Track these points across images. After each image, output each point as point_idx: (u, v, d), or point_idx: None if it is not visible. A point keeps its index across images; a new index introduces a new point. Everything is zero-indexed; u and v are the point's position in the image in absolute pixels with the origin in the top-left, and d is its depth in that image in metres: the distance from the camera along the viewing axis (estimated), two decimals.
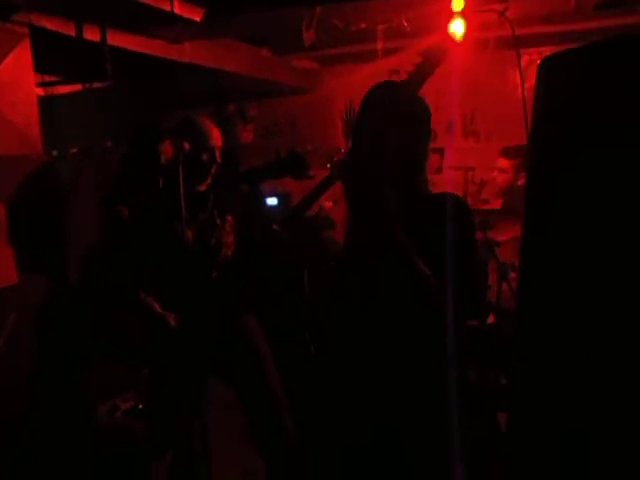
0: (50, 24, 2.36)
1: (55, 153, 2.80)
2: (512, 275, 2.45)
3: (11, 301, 2.17)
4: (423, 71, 1.29)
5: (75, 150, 2.75)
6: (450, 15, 2.69)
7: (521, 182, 2.78)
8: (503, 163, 2.80)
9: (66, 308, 2.38)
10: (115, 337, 2.64)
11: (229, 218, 2.08)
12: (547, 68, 0.87)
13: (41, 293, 2.26)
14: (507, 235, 2.60)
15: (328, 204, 3.34)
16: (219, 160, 2.05)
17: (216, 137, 2.06)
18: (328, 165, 1.74)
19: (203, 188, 2.07)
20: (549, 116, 0.88)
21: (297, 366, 2.53)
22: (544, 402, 0.98)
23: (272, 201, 4.06)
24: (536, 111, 0.89)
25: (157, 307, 1.94)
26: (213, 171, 2.05)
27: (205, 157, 2.01)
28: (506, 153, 2.80)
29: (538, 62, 0.93)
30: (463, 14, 2.66)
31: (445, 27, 2.76)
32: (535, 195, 0.96)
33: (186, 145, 1.93)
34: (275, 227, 1.87)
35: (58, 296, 2.34)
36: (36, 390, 2.25)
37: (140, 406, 2.77)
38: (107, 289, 2.22)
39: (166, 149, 1.94)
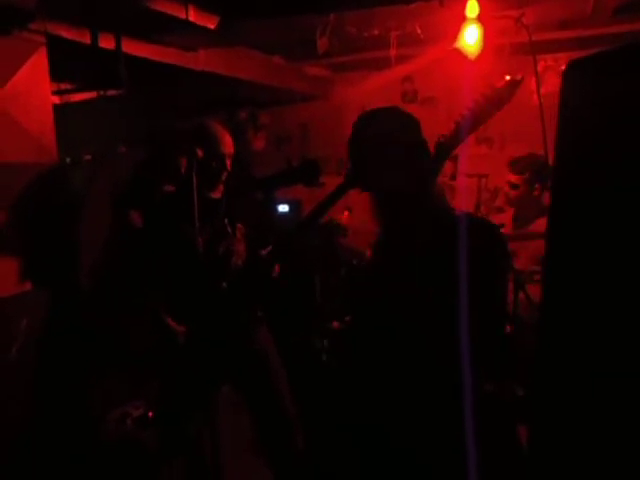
0: (66, 32, 2.37)
1: (69, 160, 2.81)
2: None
3: (24, 307, 2.17)
4: (490, 104, 1.26)
5: (89, 157, 2.76)
6: (465, 21, 2.67)
7: (536, 193, 2.72)
8: (513, 178, 2.74)
9: (76, 314, 2.38)
10: (125, 343, 2.64)
11: (240, 226, 2.06)
12: (574, 72, 0.84)
13: (53, 300, 2.26)
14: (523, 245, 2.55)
15: (345, 213, 3.33)
16: (229, 168, 2.04)
17: (228, 144, 2.04)
18: (342, 172, 1.72)
19: (217, 195, 2.06)
20: (577, 121, 0.85)
21: (308, 372, 2.50)
22: (567, 415, 0.95)
23: (283, 208, 4.06)
24: (563, 115, 0.86)
25: (166, 318, 1.92)
26: (223, 178, 2.04)
27: (215, 164, 1.99)
28: (513, 167, 2.73)
29: (557, 68, 0.90)
30: (478, 20, 2.64)
31: (459, 33, 2.74)
32: (561, 201, 0.93)
33: (200, 152, 1.92)
34: (263, 253, 1.85)
35: (68, 302, 2.34)
36: (45, 396, 2.25)
37: (150, 414, 2.75)
38: (118, 296, 2.21)
39: (184, 160, 1.94)
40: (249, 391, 2.13)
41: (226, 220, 2.04)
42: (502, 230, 2.42)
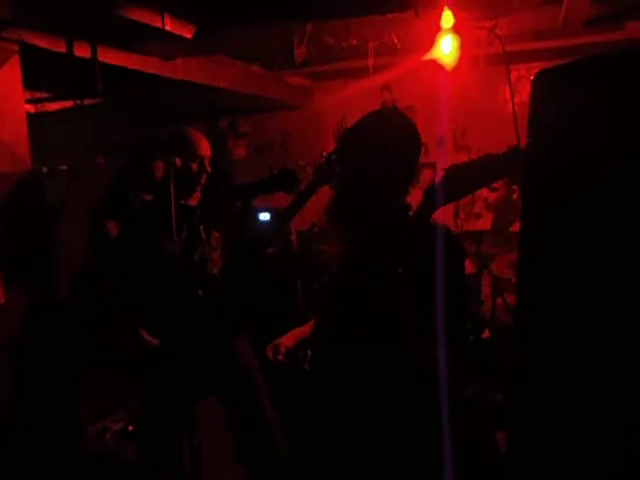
0: (40, 41, 2.35)
1: (45, 170, 2.77)
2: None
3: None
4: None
5: (65, 167, 2.72)
6: (440, 32, 2.72)
7: (515, 196, 2.77)
8: None
9: (53, 327, 2.33)
10: (104, 353, 2.60)
11: (215, 234, 2.05)
12: (542, 82, 0.86)
13: (29, 312, 2.22)
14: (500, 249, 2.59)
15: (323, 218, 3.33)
16: (209, 169, 2.03)
17: (205, 147, 2.04)
18: (309, 169, 1.72)
19: (193, 203, 2.05)
20: (544, 127, 0.87)
21: (290, 381, 2.48)
22: (545, 420, 0.96)
23: (265, 216, 4.05)
24: (532, 124, 0.88)
25: (140, 330, 1.90)
26: (203, 181, 2.03)
27: (195, 167, 1.98)
28: None
29: (530, 77, 0.93)
30: (453, 30, 2.68)
31: (435, 44, 2.79)
32: (532, 207, 0.95)
33: (177, 161, 1.91)
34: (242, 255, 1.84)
35: (45, 315, 2.29)
36: (26, 407, 2.20)
37: (130, 428, 2.71)
38: (94, 307, 2.18)
39: (159, 167, 1.93)
40: (229, 401, 2.12)
41: (201, 227, 2.03)
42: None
